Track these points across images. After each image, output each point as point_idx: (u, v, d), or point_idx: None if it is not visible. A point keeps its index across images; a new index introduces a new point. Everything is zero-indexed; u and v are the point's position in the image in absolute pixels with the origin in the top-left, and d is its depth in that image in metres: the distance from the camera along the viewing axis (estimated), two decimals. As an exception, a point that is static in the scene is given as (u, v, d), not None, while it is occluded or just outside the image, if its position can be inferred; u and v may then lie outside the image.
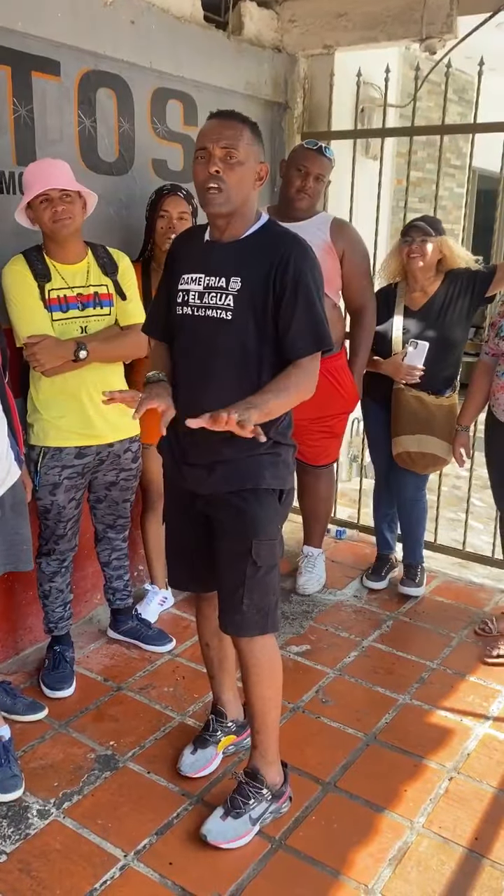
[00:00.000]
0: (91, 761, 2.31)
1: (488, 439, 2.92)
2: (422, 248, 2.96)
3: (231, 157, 1.79)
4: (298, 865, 1.96)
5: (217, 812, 2.04)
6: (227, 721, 2.32)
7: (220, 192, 1.80)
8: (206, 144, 1.81)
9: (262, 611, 1.98)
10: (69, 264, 2.40)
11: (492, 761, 2.36)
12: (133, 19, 2.82)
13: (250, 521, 1.93)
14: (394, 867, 1.96)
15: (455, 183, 5.78)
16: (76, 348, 2.33)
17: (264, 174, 1.88)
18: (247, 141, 1.82)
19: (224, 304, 1.84)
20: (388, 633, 3.08)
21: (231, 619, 1.99)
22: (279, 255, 1.83)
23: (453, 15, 3.22)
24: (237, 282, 1.83)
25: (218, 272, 1.86)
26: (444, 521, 3.92)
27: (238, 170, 1.81)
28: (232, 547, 1.95)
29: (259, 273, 1.83)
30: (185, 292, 1.91)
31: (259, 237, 1.89)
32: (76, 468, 2.51)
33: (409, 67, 4.19)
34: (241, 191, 1.82)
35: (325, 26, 3.53)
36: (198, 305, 1.89)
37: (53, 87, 2.61)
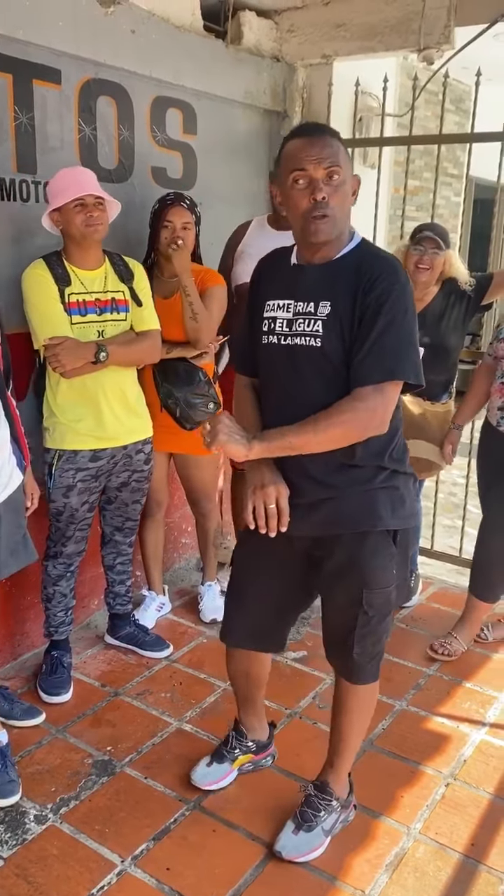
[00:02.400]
0: (88, 766, 2.31)
1: (481, 445, 2.94)
2: (432, 260, 2.98)
3: (333, 178, 1.66)
4: (295, 871, 1.96)
5: (288, 827, 2.01)
6: (248, 740, 2.28)
7: (327, 220, 1.66)
8: (306, 166, 1.64)
9: (375, 658, 1.92)
10: (88, 270, 2.44)
11: (488, 767, 2.36)
12: (133, 28, 2.85)
13: (361, 571, 1.80)
14: (390, 873, 1.97)
15: (452, 192, 5.81)
16: (97, 350, 2.36)
17: (357, 188, 1.75)
18: (344, 157, 1.69)
19: (312, 330, 1.71)
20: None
21: (343, 665, 1.93)
22: (368, 275, 1.68)
23: (451, 26, 3.25)
24: (326, 306, 1.70)
25: (307, 297, 1.73)
26: (440, 527, 3.93)
27: (342, 191, 1.68)
28: (341, 594, 1.84)
29: (347, 295, 1.69)
30: (272, 320, 1.78)
31: (351, 259, 1.74)
32: (90, 471, 2.53)
33: (406, 77, 4.22)
34: (345, 213, 1.70)
35: (323, 36, 3.55)
36: (285, 334, 1.76)
37: (54, 95, 2.63)
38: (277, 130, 3.74)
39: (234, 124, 3.49)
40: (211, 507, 3.13)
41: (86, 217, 2.33)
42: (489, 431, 2.88)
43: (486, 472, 2.92)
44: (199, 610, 3.21)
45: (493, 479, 2.87)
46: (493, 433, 2.84)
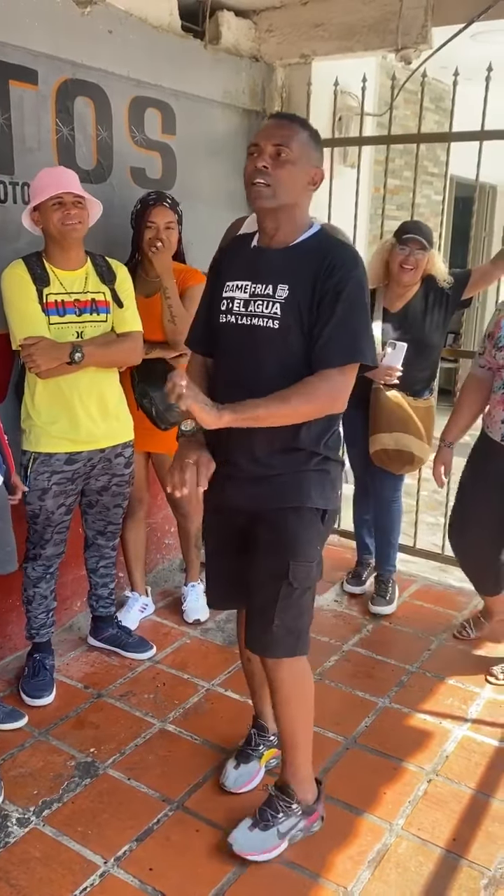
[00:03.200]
0: (71, 768, 2.31)
1: (474, 459, 2.78)
2: (417, 261, 2.99)
3: (281, 155, 1.74)
4: (278, 869, 1.96)
5: (245, 822, 2.01)
6: (269, 734, 2.28)
7: (266, 187, 1.75)
8: (259, 141, 1.77)
9: (294, 633, 1.92)
10: (68, 270, 2.43)
11: (470, 763, 2.38)
12: (111, 29, 2.84)
13: (290, 542, 1.87)
14: (373, 869, 1.98)
15: (433, 190, 5.84)
16: (72, 350, 2.35)
17: (318, 180, 1.82)
18: (301, 142, 1.76)
19: (270, 312, 1.78)
20: (368, 638, 3.10)
21: (259, 638, 1.93)
22: (327, 261, 1.76)
23: (428, 26, 3.26)
24: (284, 289, 1.77)
25: (265, 279, 1.80)
26: (423, 525, 3.95)
27: (287, 168, 1.75)
28: (267, 566, 1.88)
29: (306, 279, 1.77)
30: (230, 300, 1.85)
31: (310, 245, 1.82)
32: (65, 474, 2.51)
33: (387, 77, 4.23)
34: (289, 189, 1.76)
35: (302, 36, 3.56)
36: (242, 314, 1.83)
37: (31, 96, 2.62)
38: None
39: (214, 124, 3.49)
40: (191, 507, 3.11)
41: (63, 215, 2.32)
42: (490, 445, 2.69)
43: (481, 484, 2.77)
44: (182, 611, 3.21)
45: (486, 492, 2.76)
46: (495, 446, 2.66)
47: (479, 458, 2.76)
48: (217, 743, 2.42)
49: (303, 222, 1.84)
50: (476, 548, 2.85)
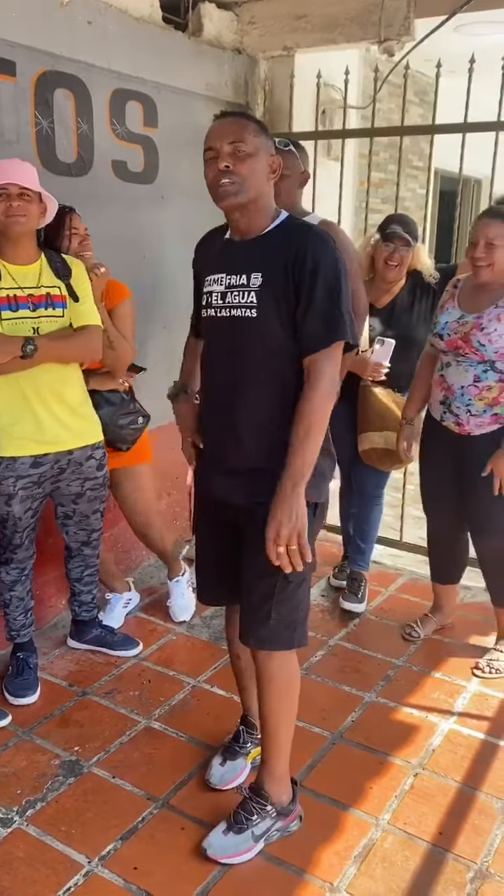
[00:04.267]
0: (55, 767, 2.29)
1: (424, 438, 2.85)
2: (402, 257, 2.98)
3: (239, 151, 1.75)
4: (263, 866, 1.95)
5: (220, 826, 2.00)
6: (258, 732, 2.21)
7: (232, 184, 1.76)
8: (214, 144, 1.77)
9: (291, 626, 1.93)
10: (20, 265, 2.36)
11: (456, 756, 2.37)
12: (90, 20, 2.81)
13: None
14: (359, 864, 1.97)
15: (417, 184, 5.83)
16: (24, 343, 2.25)
17: (277, 167, 1.83)
18: (252, 133, 1.78)
19: (247, 301, 1.80)
20: (355, 632, 3.10)
21: (256, 632, 1.92)
22: (297, 246, 1.78)
23: (410, 18, 3.26)
24: (258, 277, 1.79)
25: (239, 269, 1.83)
26: (411, 519, 3.94)
27: (248, 161, 1.76)
28: (262, 560, 1.84)
29: (278, 266, 1.78)
30: (209, 294, 1.89)
31: (279, 232, 1.85)
32: (31, 478, 2.44)
33: (370, 70, 4.21)
34: (254, 182, 1.78)
35: (284, 28, 3.54)
36: (220, 306, 1.86)
37: (9, 88, 2.58)
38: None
39: (196, 117, 3.46)
40: (152, 515, 3.04)
41: (6, 207, 2.24)
42: (433, 424, 2.77)
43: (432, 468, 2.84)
44: (167, 607, 3.18)
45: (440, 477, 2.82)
46: (436, 426, 2.74)
47: (426, 440, 2.85)
48: (202, 740, 2.41)
49: (270, 211, 1.86)
50: (436, 530, 2.94)
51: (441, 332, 2.66)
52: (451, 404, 2.67)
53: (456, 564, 3.03)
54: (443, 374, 2.70)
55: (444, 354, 2.69)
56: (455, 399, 2.65)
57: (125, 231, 3.15)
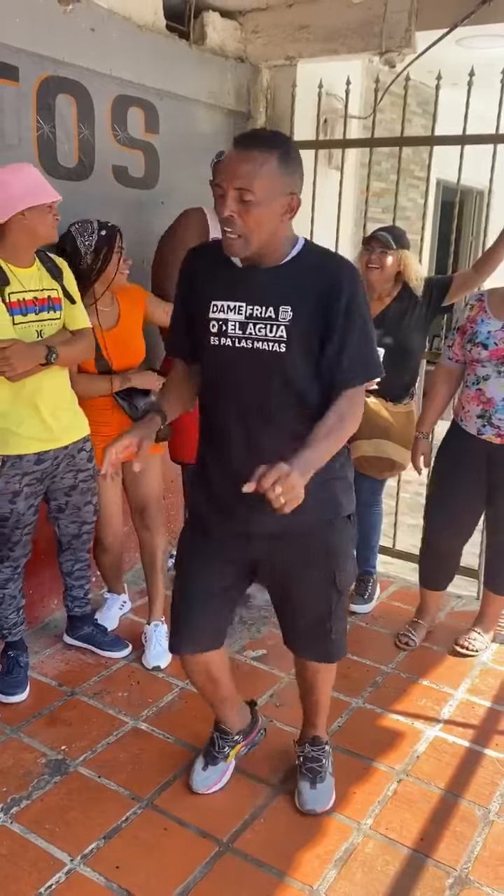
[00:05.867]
0: (41, 766, 2.31)
1: (450, 451, 2.88)
2: (381, 259, 3.00)
3: (245, 198, 1.61)
4: (244, 868, 1.97)
5: (304, 785, 2.18)
6: (233, 736, 2.28)
7: (237, 238, 1.65)
8: (221, 182, 1.64)
9: (344, 633, 2.06)
10: (23, 268, 2.39)
11: (440, 763, 2.39)
12: (93, 27, 2.84)
13: (333, 554, 1.93)
14: (339, 868, 1.98)
15: (418, 194, 5.85)
16: (48, 352, 2.33)
17: (295, 206, 1.70)
18: (268, 175, 1.61)
19: (276, 335, 1.71)
20: (345, 638, 3.11)
21: (321, 649, 2.04)
22: (330, 279, 1.72)
23: (412, 30, 3.28)
24: (288, 311, 1.70)
25: (263, 301, 1.72)
26: (405, 527, 3.96)
27: (255, 211, 1.62)
28: (314, 579, 1.92)
29: (310, 300, 1.71)
30: (222, 322, 1.75)
31: (303, 261, 1.75)
32: (35, 474, 2.49)
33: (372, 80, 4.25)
34: (261, 232, 1.66)
35: (287, 38, 3.57)
36: (239, 336, 1.74)
37: (11, 92, 2.62)
38: (241, 131, 3.76)
39: (198, 124, 3.50)
40: (158, 516, 2.95)
41: (53, 220, 2.33)
42: (462, 438, 2.80)
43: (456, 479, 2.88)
44: (143, 654, 2.88)
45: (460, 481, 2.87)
46: (470, 438, 2.77)
47: (455, 448, 2.86)
48: (189, 741, 2.42)
49: (285, 243, 1.75)
50: (442, 535, 2.96)
51: (486, 342, 2.68)
52: (491, 417, 2.70)
53: (452, 573, 3.09)
54: (480, 387, 2.71)
55: (481, 367, 2.70)
56: (497, 411, 2.68)
57: (125, 235, 3.14)
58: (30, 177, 2.31)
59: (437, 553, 3.02)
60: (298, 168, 1.70)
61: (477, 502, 2.87)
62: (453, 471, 2.88)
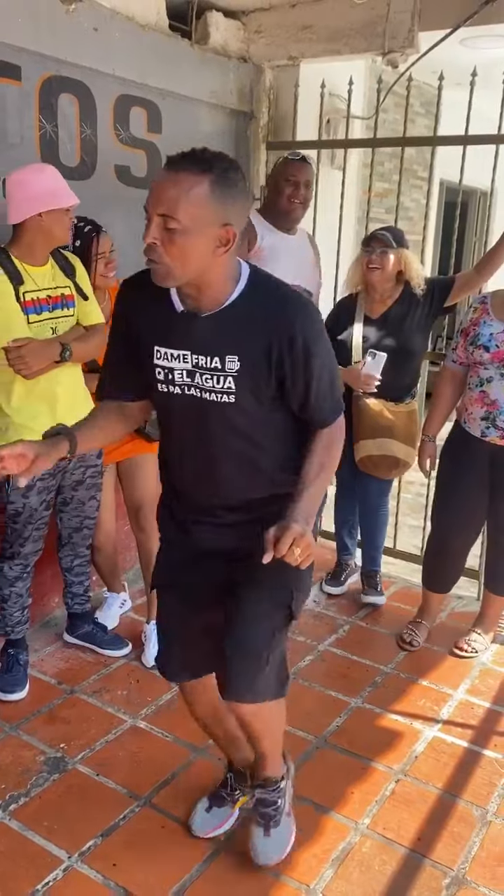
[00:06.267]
0: (40, 764, 2.31)
1: (454, 453, 2.88)
2: (381, 259, 3.00)
3: (168, 226, 1.44)
4: (241, 866, 1.97)
5: (256, 833, 1.97)
6: (248, 782, 2.09)
7: (159, 266, 1.49)
8: (147, 206, 1.46)
9: (282, 668, 1.83)
10: (37, 267, 2.41)
11: (439, 763, 2.39)
12: (96, 26, 2.85)
13: (293, 571, 1.66)
14: (336, 868, 1.98)
15: (421, 194, 5.84)
16: (62, 350, 2.36)
17: (231, 238, 1.49)
18: (196, 202, 1.43)
19: (224, 387, 1.60)
20: (345, 638, 3.11)
21: (250, 684, 1.73)
22: (281, 327, 1.56)
23: (415, 30, 3.29)
24: (234, 361, 1.57)
25: (208, 350, 1.58)
26: (406, 527, 3.96)
27: (180, 241, 1.45)
28: (265, 601, 1.72)
29: (258, 348, 1.57)
30: (168, 371, 1.63)
31: (248, 303, 1.58)
32: (48, 469, 2.50)
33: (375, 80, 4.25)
34: (186, 266, 1.48)
35: (290, 38, 3.58)
36: (188, 385, 1.63)
37: (14, 92, 2.62)
38: (244, 131, 3.77)
39: (200, 124, 3.50)
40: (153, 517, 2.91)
41: (69, 222, 2.37)
42: (466, 440, 2.80)
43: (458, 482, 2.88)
44: (143, 652, 2.89)
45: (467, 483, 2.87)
46: (474, 441, 2.77)
47: (459, 450, 2.86)
48: (187, 740, 2.42)
49: (226, 281, 1.57)
50: (448, 537, 2.96)
51: (487, 345, 2.68)
52: (495, 419, 2.70)
53: (456, 575, 3.09)
54: (484, 389, 2.71)
55: (483, 369, 2.70)
56: (502, 413, 2.69)
57: (127, 235, 3.17)
58: (50, 179, 2.32)
59: (443, 555, 3.01)
60: (239, 197, 1.50)
61: (481, 504, 2.87)
62: (457, 473, 2.88)
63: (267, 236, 3.05)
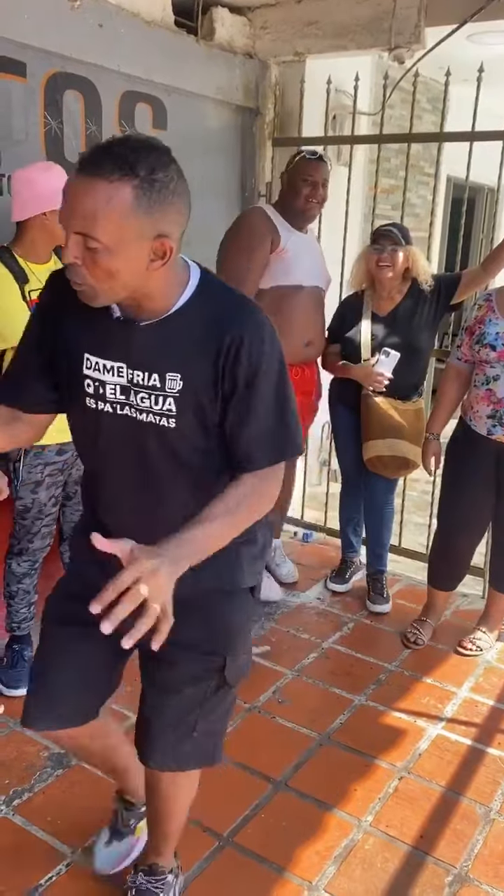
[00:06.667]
0: (44, 759, 2.32)
1: (459, 451, 2.88)
2: (392, 257, 2.99)
3: (88, 245, 1.21)
4: (244, 862, 1.97)
5: None
6: (139, 806, 1.94)
7: (83, 287, 1.28)
8: (62, 219, 1.23)
9: (213, 736, 1.59)
10: (40, 265, 2.41)
11: (442, 761, 2.38)
12: (101, 23, 2.85)
13: (225, 633, 1.53)
14: (339, 864, 1.98)
15: (428, 191, 5.82)
16: None
17: (168, 251, 1.26)
18: (118, 215, 1.18)
19: (163, 408, 1.36)
20: (349, 636, 3.11)
21: (173, 751, 1.55)
22: (226, 336, 1.32)
23: (421, 26, 3.28)
24: (176, 379, 1.34)
25: (146, 365, 1.35)
26: (411, 525, 3.96)
27: (103, 262, 1.22)
28: (193, 666, 1.51)
29: (203, 364, 1.33)
30: (99, 383, 1.39)
31: (196, 310, 1.35)
32: (57, 465, 2.53)
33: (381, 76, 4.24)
34: (116, 285, 1.26)
35: (296, 34, 3.57)
36: (121, 403, 1.39)
37: (19, 88, 2.63)
38: (250, 127, 3.76)
39: (206, 120, 3.50)
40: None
41: None
42: (472, 439, 2.78)
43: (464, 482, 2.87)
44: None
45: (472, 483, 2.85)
46: (479, 438, 2.76)
47: (464, 448, 2.85)
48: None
49: (170, 286, 1.34)
50: (454, 535, 2.95)
51: (493, 343, 2.67)
52: (502, 417, 2.69)
53: (462, 574, 3.08)
54: (490, 387, 2.70)
55: (490, 367, 2.69)
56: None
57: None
58: (56, 179, 2.31)
59: (448, 553, 3.01)
60: (175, 200, 1.25)
61: (487, 502, 2.86)
62: (463, 471, 2.87)
63: (289, 237, 3.04)
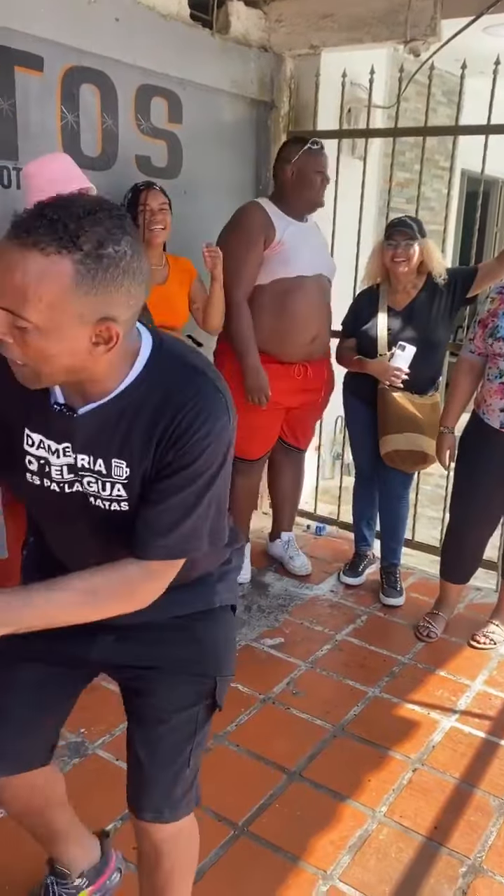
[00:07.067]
0: (61, 748, 2.34)
1: (472, 444, 2.87)
2: (406, 252, 2.98)
3: (17, 324, 1.05)
4: (259, 851, 1.99)
5: None
6: (73, 880, 1.77)
7: (20, 368, 1.12)
8: None
9: (197, 772, 1.49)
10: None
11: (456, 753, 2.39)
12: (118, 17, 2.85)
13: (212, 653, 1.45)
14: (353, 854, 2.00)
15: (442, 184, 5.81)
16: None
17: (114, 336, 1.09)
18: (53, 296, 1.02)
19: (113, 494, 1.25)
20: (362, 628, 3.12)
21: (168, 797, 1.44)
22: (172, 423, 1.18)
23: (437, 18, 3.26)
24: (122, 467, 1.22)
25: (91, 450, 1.23)
26: (425, 518, 3.96)
27: (35, 343, 1.06)
28: (184, 692, 1.42)
29: (148, 451, 1.20)
30: (43, 462, 1.26)
31: (140, 393, 1.19)
32: None
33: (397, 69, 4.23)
34: (54, 367, 1.11)
35: (311, 27, 3.56)
36: (70, 482, 1.27)
37: (36, 82, 2.64)
38: (265, 120, 3.76)
39: (221, 114, 3.50)
40: None
41: None
42: (486, 433, 2.77)
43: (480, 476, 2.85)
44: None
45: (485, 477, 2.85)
46: (493, 432, 2.75)
47: (477, 441, 2.84)
48: (206, 727, 2.45)
49: (117, 367, 1.18)
50: (466, 529, 2.95)
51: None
52: None
53: (475, 567, 3.08)
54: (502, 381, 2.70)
55: (503, 361, 2.69)
56: None
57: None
58: (61, 170, 2.33)
59: (461, 546, 3.01)
60: (126, 281, 1.07)
61: (499, 495, 2.85)
62: (476, 464, 2.87)
63: (287, 229, 3.04)
